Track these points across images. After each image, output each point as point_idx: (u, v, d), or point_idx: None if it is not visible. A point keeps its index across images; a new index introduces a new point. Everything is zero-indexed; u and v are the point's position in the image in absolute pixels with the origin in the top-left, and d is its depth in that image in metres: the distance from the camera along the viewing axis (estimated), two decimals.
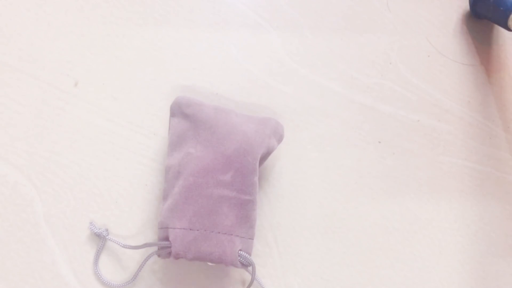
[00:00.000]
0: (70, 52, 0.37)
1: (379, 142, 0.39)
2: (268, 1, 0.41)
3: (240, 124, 0.32)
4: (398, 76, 0.41)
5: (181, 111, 0.32)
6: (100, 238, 0.33)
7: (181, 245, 0.29)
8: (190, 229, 0.29)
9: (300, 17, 0.41)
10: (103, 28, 0.38)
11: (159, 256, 0.31)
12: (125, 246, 0.32)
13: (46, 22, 0.37)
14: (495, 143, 0.42)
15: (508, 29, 0.39)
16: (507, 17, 0.39)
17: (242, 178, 0.30)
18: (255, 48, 0.39)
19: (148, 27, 0.38)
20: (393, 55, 0.41)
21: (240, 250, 0.30)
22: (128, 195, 0.34)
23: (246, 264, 0.31)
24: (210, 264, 0.30)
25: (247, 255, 0.30)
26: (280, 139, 0.34)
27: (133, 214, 0.34)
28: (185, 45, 0.38)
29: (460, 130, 0.41)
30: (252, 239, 0.31)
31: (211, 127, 0.31)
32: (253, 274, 0.31)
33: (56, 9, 0.37)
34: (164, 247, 0.30)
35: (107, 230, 0.33)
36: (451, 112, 0.41)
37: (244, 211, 0.30)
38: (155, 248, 0.32)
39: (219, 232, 0.29)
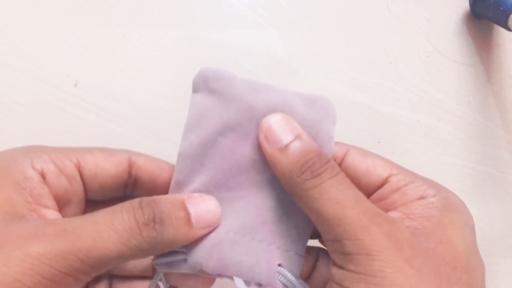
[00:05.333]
0: (70, 52, 0.37)
1: (379, 142, 0.39)
2: (268, 1, 0.41)
3: (284, 105, 0.24)
4: (398, 76, 0.41)
5: (206, 86, 0.24)
6: None
7: (201, 251, 0.22)
8: (213, 231, 0.22)
9: (300, 17, 0.41)
10: (103, 28, 0.38)
11: (170, 268, 0.23)
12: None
13: (46, 22, 0.37)
14: (495, 143, 0.42)
15: (508, 29, 0.39)
16: (507, 17, 0.39)
17: None
18: (255, 48, 0.39)
19: (148, 27, 0.38)
20: (393, 55, 0.41)
21: (280, 265, 0.22)
22: None
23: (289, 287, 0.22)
24: (237, 282, 0.23)
25: (290, 274, 0.22)
26: (334, 121, 0.25)
27: None
28: (185, 45, 0.38)
29: (460, 130, 0.41)
30: (302, 255, 0.23)
31: (247, 110, 0.23)
32: None
33: (56, 9, 0.37)
34: (176, 257, 0.23)
35: None
36: (451, 112, 0.41)
37: (291, 215, 0.23)
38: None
39: (252, 238, 0.22)
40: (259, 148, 0.23)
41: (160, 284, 0.25)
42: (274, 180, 0.23)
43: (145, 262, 0.26)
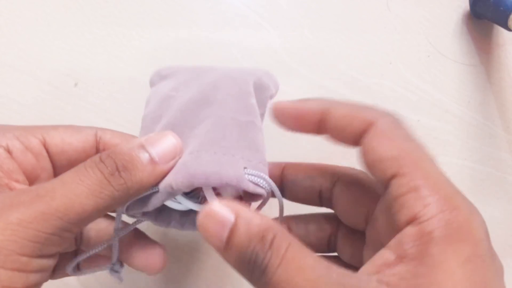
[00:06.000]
0: (70, 52, 0.37)
1: None
2: (268, 1, 0.41)
3: (226, 66, 0.28)
4: (398, 76, 0.41)
5: (159, 76, 0.28)
6: None
7: (169, 175, 0.22)
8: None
9: (300, 17, 0.41)
10: (103, 28, 0.38)
11: (144, 206, 0.23)
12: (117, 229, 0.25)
13: (46, 22, 0.37)
14: (495, 143, 0.42)
15: (508, 29, 0.39)
16: (507, 17, 0.39)
17: (235, 99, 0.24)
18: (255, 48, 0.39)
19: (148, 27, 0.38)
20: (393, 55, 0.41)
21: (246, 168, 0.22)
22: None
23: (261, 186, 0.22)
24: (208, 196, 0.22)
25: (258, 172, 0.22)
26: (275, 85, 0.28)
27: None
28: (185, 45, 0.38)
29: (460, 130, 0.41)
30: (265, 164, 0.23)
31: (193, 71, 0.27)
32: (279, 199, 0.23)
33: (56, 9, 0.37)
34: (148, 191, 0.22)
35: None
36: (451, 112, 0.41)
37: (246, 132, 0.23)
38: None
39: (215, 152, 0.22)
40: (208, 84, 0.25)
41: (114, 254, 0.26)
42: (226, 101, 0.24)
43: (107, 236, 0.26)
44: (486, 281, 0.17)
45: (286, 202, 0.25)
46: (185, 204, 0.23)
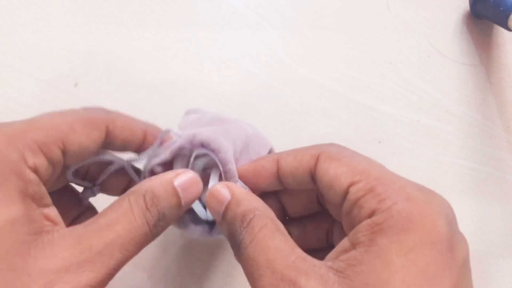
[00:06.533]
0: (70, 52, 0.37)
1: (379, 142, 0.39)
2: (268, 1, 0.41)
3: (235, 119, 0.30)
4: (398, 76, 0.41)
5: (192, 111, 0.31)
6: None
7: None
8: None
9: (300, 17, 0.41)
10: (103, 28, 0.38)
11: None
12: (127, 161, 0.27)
13: (46, 22, 0.37)
14: (495, 143, 0.42)
15: (508, 29, 0.39)
16: (507, 17, 0.39)
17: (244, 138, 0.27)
18: (255, 48, 0.39)
19: (148, 27, 0.38)
20: (393, 55, 0.41)
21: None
22: None
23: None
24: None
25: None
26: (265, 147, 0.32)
27: None
28: (185, 45, 0.38)
29: (460, 130, 0.41)
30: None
31: (215, 116, 0.29)
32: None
33: (56, 9, 0.37)
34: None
35: None
36: (451, 112, 0.41)
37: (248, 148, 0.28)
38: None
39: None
40: (229, 119, 0.28)
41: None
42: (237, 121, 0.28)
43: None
44: (430, 269, 0.17)
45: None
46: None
